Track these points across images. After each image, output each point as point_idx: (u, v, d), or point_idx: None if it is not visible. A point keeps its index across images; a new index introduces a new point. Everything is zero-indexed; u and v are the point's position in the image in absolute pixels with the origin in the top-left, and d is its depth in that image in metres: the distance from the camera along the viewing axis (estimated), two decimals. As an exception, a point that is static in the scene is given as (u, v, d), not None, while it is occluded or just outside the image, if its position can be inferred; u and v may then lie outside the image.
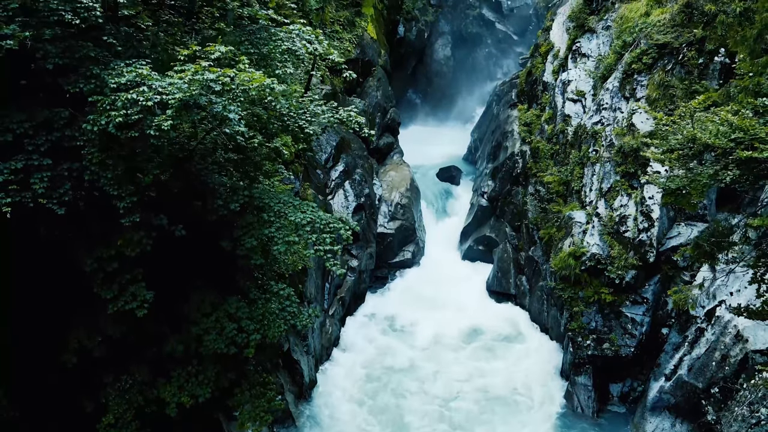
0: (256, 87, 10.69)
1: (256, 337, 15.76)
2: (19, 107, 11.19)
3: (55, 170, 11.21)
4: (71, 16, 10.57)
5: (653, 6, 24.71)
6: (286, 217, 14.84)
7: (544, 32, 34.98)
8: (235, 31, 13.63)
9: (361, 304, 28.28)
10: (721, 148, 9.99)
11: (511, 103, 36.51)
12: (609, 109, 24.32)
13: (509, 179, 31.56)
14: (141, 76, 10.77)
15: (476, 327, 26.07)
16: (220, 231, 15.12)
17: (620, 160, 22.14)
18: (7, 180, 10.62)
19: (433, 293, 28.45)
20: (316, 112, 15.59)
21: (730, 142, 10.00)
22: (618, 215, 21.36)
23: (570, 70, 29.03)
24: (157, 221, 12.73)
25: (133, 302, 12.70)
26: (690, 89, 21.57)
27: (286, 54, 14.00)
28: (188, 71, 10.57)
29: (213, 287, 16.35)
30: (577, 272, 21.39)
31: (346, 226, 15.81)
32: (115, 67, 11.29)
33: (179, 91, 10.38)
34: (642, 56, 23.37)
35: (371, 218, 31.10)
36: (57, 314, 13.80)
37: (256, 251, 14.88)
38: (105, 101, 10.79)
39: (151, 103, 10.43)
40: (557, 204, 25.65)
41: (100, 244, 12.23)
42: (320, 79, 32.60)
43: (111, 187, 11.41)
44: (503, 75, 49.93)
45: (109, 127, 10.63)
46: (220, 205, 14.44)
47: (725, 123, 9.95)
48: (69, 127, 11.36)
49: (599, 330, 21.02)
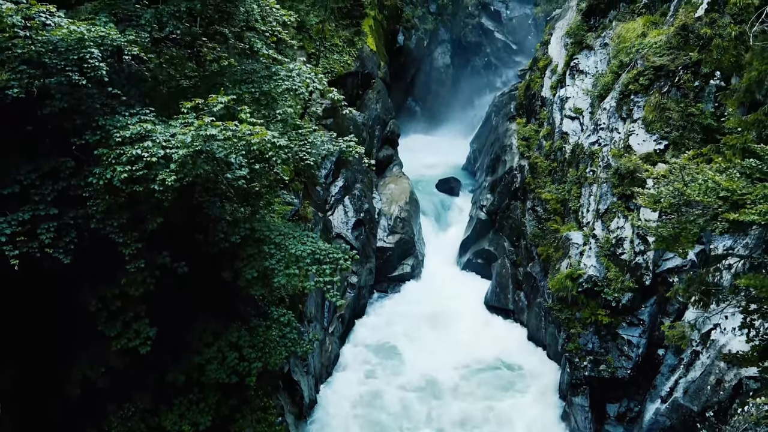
0: (257, 142, 10.92)
1: (257, 365, 16.03)
2: (26, 155, 11.42)
3: (61, 219, 11.45)
4: (78, 77, 10.80)
5: (650, 27, 24.94)
6: (286, 249, 15.06)
7: (542, 46, 35.21)
8: (236, 68, 13.84)
9: (360, 319, 28.47)
10: (709, 206, 10.24)
11: (510, 115, 36.74)
12: (606, 129, 24.54)
13: (508, 194, 31.79)
14: (145, 130, 11.00)
15: (473, 353, 25.78)
16: (221, 261, 15.36)
17: (617, 181, 22.35)
18: (15, 232, 10.86)
19: (432, 309, 28.59)
20: (316, 143, 15.82)
21: (718, 200, 10.22)
22: (615, 237, 21.58)
23: (568, 86, 29.24)
24: (160, 260, 12.96)
25: (136, 339, 12.95)
26: (686, 112, 21.77)
27: (286, 93, 14.22)
28: (192, 126, 10.79)
29: (214, 315, 16.60)
30: (574, 294, 21.63)
31: (345, 256, 16.02)
32: (120, 118, 11.51)
33: (183, 146, 10.61)
34: (639, 77, 23.56)
35: (371, 233, 31.30)
36: (61, 347, 14.01)
37: (257, 282, 15.11)
38: (110, 155, 11.03)
39: (155, 159, 10.66)
40: (555, 222, 25.88)
41: (105, 284, 12.46)
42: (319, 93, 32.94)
43: (116, 234, 11.65)
44: (502, 84, 50.17)
45: (114, 181, 10.86)
46: (221, 238, 14.67)
47: (712, 183, 10.18)
48: (74, 177, 11.59)
49: (596, 351, 21.25)
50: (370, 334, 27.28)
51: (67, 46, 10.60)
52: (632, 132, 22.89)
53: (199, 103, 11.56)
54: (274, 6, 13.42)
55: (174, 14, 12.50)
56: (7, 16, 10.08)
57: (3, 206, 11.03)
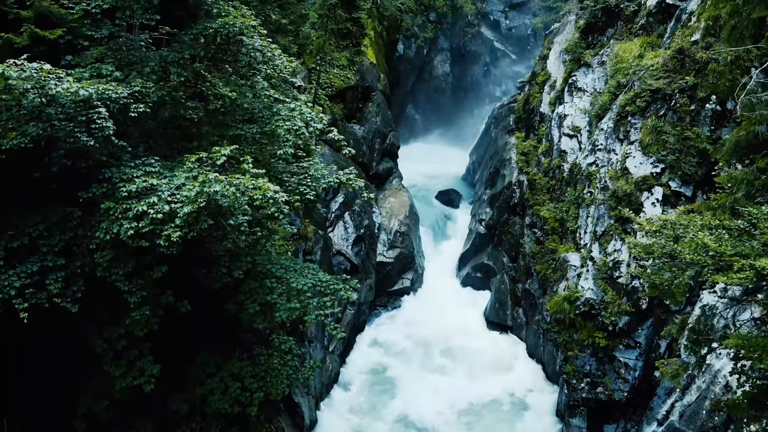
0: (259, 198, 11.17)
1: (259, 395, 16.28)
2: (34, 203, 11.68)
3: (68, 268, 11.71)
4: (86, 138, 11.05)
5: (647, 48, 25.15)
6: (288, 282, 15.29)
7: (541, 60, 35.43)
8: (239, 104, 14.08)
9: (360, 335, 28.72)
10: (698, 264, 10.48)
11: (509, 128, 36.99)
12: (603, 150, 24.77)
13: (507, 208, 32.03)
14: (151, 186, 11.26)
15: (472, 374, 25.81)
16: (224, 295, 15.61)
17: (614, 204, 22.59)
18: (24, 284, 11.12)
19: (430, 328, 28.69)
20: (317, 177, 16.07)
21: (708, 258, 10.47)
22: (612, 260, 21.83)
23: (566, 103, 29.48)
24: (164, 299, 13.21)
25: (141, 377, 13.22)
26: (682, 135, 22.03)
27: (288, 134, 14.48)
28: (196, 181, 11.04)
29: (217, 344, 16.86)
30: (571, 316, 21.90)
31: (346, 286, 16.24)
32: (126, 170, 11.76)
33: (188, 202, 10.87)
34: (636, 99, 23.79)
35: (371, 248, 31.54)
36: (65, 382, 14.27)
37: (259, 316, 15.35)
38: (117, 209, 11.29)
39: (160, 216, 10.92)
40: (553, 241, 26.12)
41: (110, 326, 12.72)
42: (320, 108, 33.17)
43: (122, 283, 11.91)
44: (502, 93, 50.41)
45: (121, 236, 11.12)
46: (224, 273, 14.91)
47: (702, 244, 10.42)
48: (82, 227, 11.85)
49: (593, 374, 21.52)
50: (370, 346, 27.34)
51: (75, 107, 10.85)
52: (629, 154, 23.14)
53: (203, 156, 11.81)
54: (276, 50, 13.65)
55: (178, 61, 12.75)
56: (18, 86, 10.32)
57: (12, 258, 11.31)
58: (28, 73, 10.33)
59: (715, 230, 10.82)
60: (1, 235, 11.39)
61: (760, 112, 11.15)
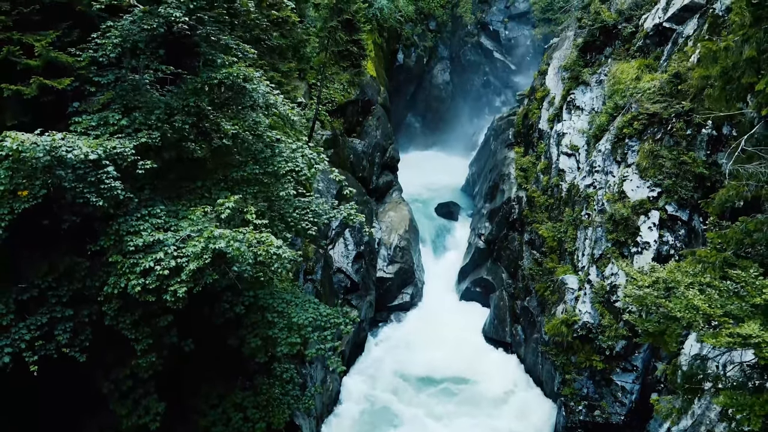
0: (263, 254, 11.45)
1: (261, 425, 16.57)
2: (42, 254, 11.96)
3: (76, 318, 12.00)
4: (95, 198, 11.34)
5: (644, 70, 25.39)
6: (289, 317, 15.57)
7: (540, 75, 35.64)
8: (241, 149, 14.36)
9: (360, 353, 28.98)
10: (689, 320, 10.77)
11: (508, 142, 37.20)
12: (601, 171, 25.02)
13: (506, 224, 32.27)
14: (158, 241, 11.54)
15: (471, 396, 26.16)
16: (226, 329, 15.89)
17: (611, 227, 22.84)
18: (34, 336, 11.41)
19: (430, 345, 28.92)
20: (318, 212, 16.35)
21: (698, 316, 10.72)
22: (609, 284, 22.09)
23: (564, 121, 29.72)
24: (168, 339, 13.49)
25: (146, 416, 13.49)
26: (678, 160, 22.27)
27: (289, 175, 14.76)
28: (202, 237, 11.32)
29: (220, 376, 17.14)
30: (569, 339, 22.17)
31: (346, 320, 16.50)
32: (132, 223, 12.03)
33: (193, 258, 11.15)
34: (633, 121, 24.02)
35: (371, 264, 31.79)
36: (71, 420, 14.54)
37: (261, 350, 15.63)
38: (125, 263, 11.58)
39: (167, 272, 11.21)
40: (551, 261, 26.38)
41: (116, 367, 13.01)
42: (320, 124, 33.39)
43: (128, 330, 12.20)
44: (501, 103, 50.60)
45: (128, 290, 11.41)
46: (227, 309, 15.20)
47: (692, 306, 10.70)
48: (89, 278, 12.14)
49: (591, 397, 21.80)
50: (366, 383, 27.24)
51: (85, 167, 11.13)
52: (626, 177, 23.38)
53: (208, 210, 12.09)
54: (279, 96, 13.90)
55: (183, 108, 13.02)
56: (32, 157, 10.58)
57: (22, 309, 11.59)
58: (41, 146, 10.59)
59: (706, 287, 11.09)
60: (12, 288, 11.69)
61: (746, 182, 11.43)
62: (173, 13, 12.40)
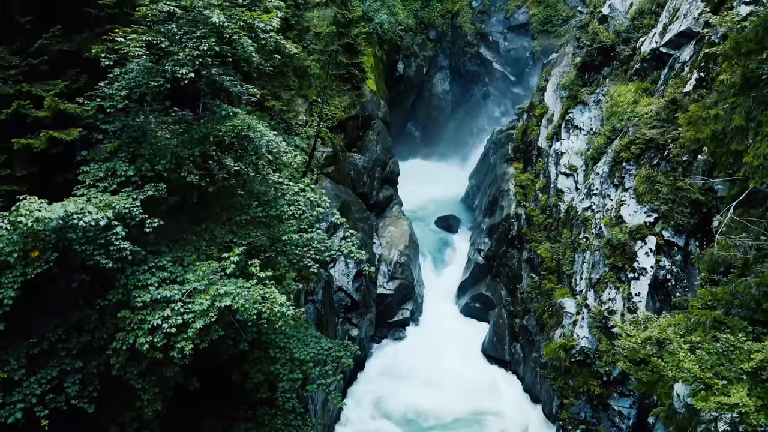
0: (267, 310, 11.72)
1: (263, 458, 16.86)
2: (52, 307, 12.27)
3: (85, 370, 12.29)
4: (105, 261, 11.64)
5: (641, 94, 25.64)
6: (290, 352, 15.85)
7: (539, 92, 35.88)
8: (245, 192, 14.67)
9: (360, 372, 29.27)
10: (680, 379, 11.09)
11: (507, 157, 37.43)
12: (599, 195, 25.29)
13: (505, 240, 32.56)
14: (165, 298, 11.84)
15: None
16: (230, 364, 16.18)
17: (609, 252, 23.11)
18: (44, 390, 11.71)
19: (430, 364, 29.16)
20: (320, 249, 16.64)
21: (689, 377, 11.00)
22: (606, 309, 22.37)
23: (563, 140, 29.98)
24: (173, 381, 13.76)
25: (151, 457, 13.77)
26: (675, 185, 22.51)
27: (292, 219, 15.05)
28: (208, 295, 11.63)
29: (224, 406, 17.44)
30: (567, 364, 22.46)
31: (347, 353, 16.80)
32: (140, 276, 12.32)
33: (199, 315, 11.45)
34: (630, 145, 24.27)
35: (371, 281, 32.06)
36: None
37: (263, 385, 15.92)
38: (133, 319, 11.87)
39: (174, 330, 11.51)
40: (549, 281, 26.66)
41: (122, 410, 13.30)
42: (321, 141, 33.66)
43: (135, 381, 12.49)
44: (500, 114, 50.82)
45: (137, 347, 11.71)
46: (230, 345, 15.47)
47: (682, 365, 11.00)
48: (98, 330, 12.43)
49: (588, 421, 22.10)
50: (367, 401, 27.53)
51: (95, 230, 11.41)
52: (623, 201, 23.64)
53: (213, 265, 12.37)
54: (282, 144, 14.17)
55: (189, 158, 13.30)
56: (47, 228, 10.88)
57: (33, 363, 11.90)
58: (54, 220, 10.86)
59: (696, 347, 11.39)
60: (23, 342, 11.99)
61: (734, 253, 11.71)
62: (179, 71, 12.67)
